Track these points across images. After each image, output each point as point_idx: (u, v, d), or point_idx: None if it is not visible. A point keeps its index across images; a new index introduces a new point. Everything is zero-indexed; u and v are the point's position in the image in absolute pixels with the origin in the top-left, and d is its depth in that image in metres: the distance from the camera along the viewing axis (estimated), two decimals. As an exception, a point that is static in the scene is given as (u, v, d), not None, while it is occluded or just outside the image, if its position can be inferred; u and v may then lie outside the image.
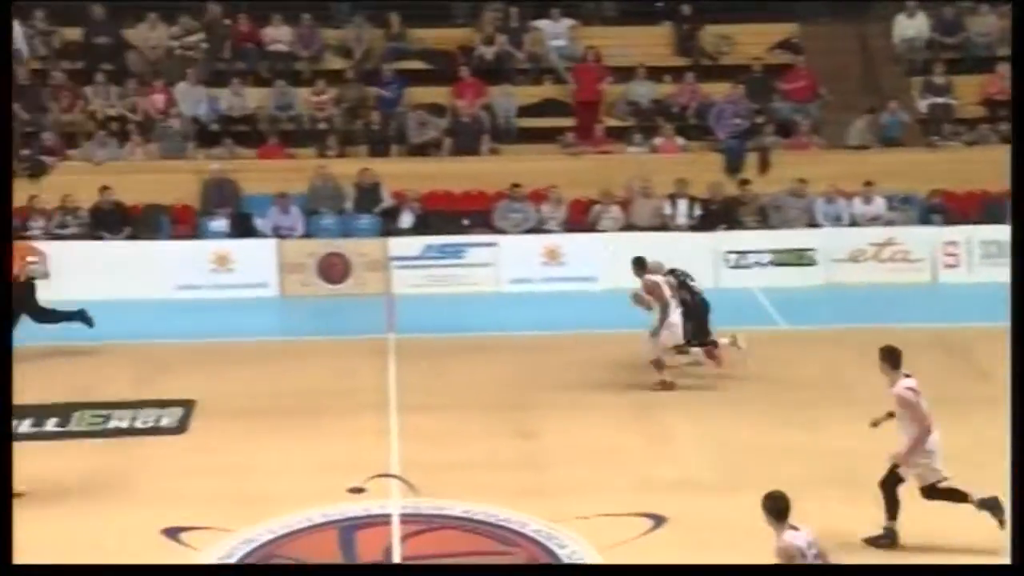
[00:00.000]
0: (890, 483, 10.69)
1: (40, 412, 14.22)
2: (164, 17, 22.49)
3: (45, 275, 16.58)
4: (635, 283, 15.08)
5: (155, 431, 14.02)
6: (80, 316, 16.48)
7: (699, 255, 18.70)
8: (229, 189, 20.61)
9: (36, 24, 22.17)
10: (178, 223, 20.40)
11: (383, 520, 11.69)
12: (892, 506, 10.69)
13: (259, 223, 20.20)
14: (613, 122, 22.00)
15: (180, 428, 14.12)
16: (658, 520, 11.38)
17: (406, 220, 20.27)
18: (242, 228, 20.17)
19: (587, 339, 16.93)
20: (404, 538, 11.35)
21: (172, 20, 22.51)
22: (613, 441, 13.36)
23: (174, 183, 20.64)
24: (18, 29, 21.79)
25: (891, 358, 10.68)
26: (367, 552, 11.08)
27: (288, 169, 21.06)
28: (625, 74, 22.31)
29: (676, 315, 14.85)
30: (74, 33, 22.57)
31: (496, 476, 12.49)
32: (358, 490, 12.28)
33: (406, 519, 11.70)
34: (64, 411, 14.31)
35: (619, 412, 14.15)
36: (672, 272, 15.41)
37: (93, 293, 18.29)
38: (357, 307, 18.96)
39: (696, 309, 15.35)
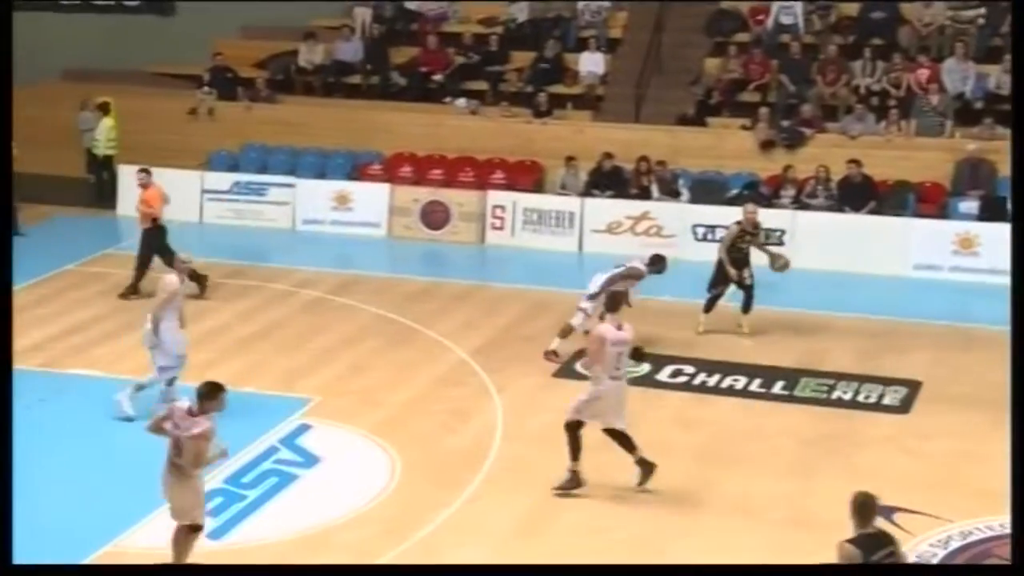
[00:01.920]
0: (573, 426, 11.60)
1: (770, 374, 14.66)
2: (947, -9, 22.15)
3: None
4: None
5: (877, 407, 13.91)
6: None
7: None
8: (984, 170, 19.82)
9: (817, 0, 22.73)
10: (924, 202, 19.97)
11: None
12: (575, 449, 11.60)
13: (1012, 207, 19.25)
14: None
15: (903, 408, 13.88)
16: None
17: None
18: (993, 211, 19.31)
19: None
20: None
21: (955, -6, 22.10)
22: None
23: (926, 161, 20.24)
24: (798, 5, 22.49)
25: (611, 303, 11.78)
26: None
27: (1052, 153, 19.84)
28: None
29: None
30: (851, 8, 22.84)
31: None
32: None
33: None
34: (792, 376, 14.62)
35: None
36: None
37: (831, 264, 18.53)
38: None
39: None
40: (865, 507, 7.88)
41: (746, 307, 16.03)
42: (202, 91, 23.42)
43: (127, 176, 22.01)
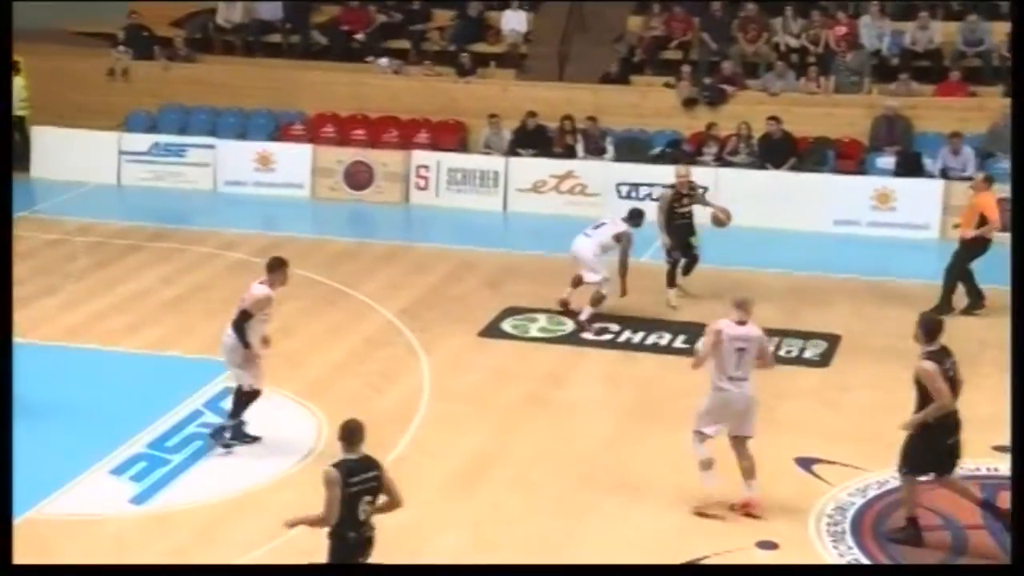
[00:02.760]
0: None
1: (694, 330, 14.64)
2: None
3: None
4: None
5: (798, 361, 14.12)
6: None
7: None
8: (901, 126, 20.10)
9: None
10: (843, 158, 20.22)
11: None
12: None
13: (928, 163, 19.55)
14: None
15: (823, 361, 14.11)
16: None
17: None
18: (909, 167, 19.62)
19: None
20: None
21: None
22: None
23: (845, 117, 20.48)
24: None
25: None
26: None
27: (967, 108, 20.18)
28: None
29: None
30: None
31: None
32: (1004, 448, 11.63)
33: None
34: (715, 331, 14.74)
35: None
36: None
37: (753, 221, 18.66)
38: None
39: None
40: (350, 433, 8.30)
41: (671, 279, 15.74)
42: (117, 50, 23.02)
43: (42, 137, 21.70)
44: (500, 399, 13.04)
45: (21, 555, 10.00)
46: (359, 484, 8.28)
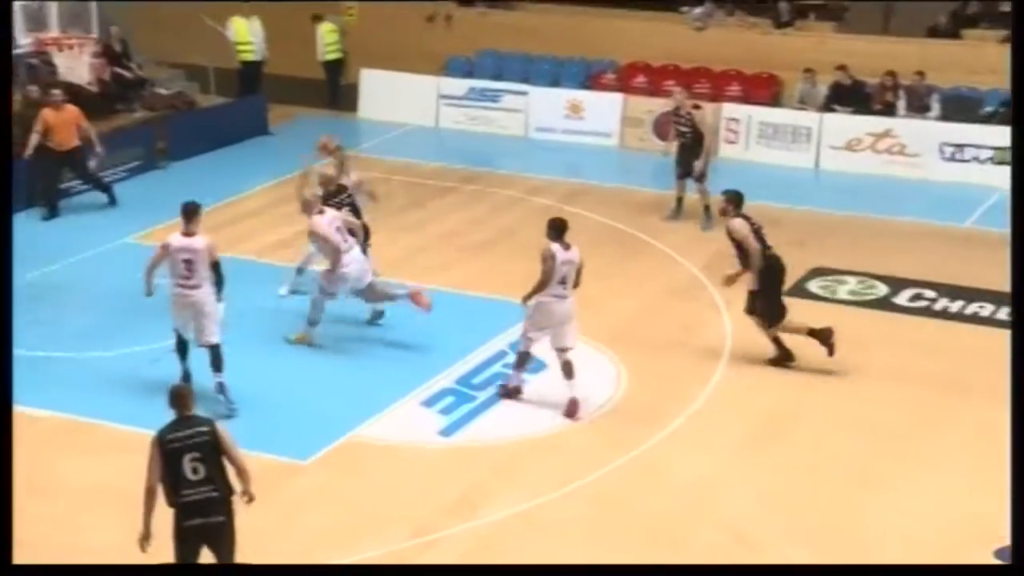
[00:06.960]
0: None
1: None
2: None
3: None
4: None
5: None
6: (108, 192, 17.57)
7: None
8: None
9: None
10: None
11: None
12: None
13: None
14: None
15: None
16: None
17: None
18: None
19: None
20: None
21: None
22: None
23: None
24: None
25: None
26: None
27: None
28: None
29: None
30: None
31: None
32: None
33: None
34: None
35: None
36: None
37: None
38: None
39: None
40: (176, 397, 8.35)
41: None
42: (443, -4, 23.62)
43: (369, 80, 22.54)
44: (802, 360, 12.73)
45: (339, 473, 10.58)
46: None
